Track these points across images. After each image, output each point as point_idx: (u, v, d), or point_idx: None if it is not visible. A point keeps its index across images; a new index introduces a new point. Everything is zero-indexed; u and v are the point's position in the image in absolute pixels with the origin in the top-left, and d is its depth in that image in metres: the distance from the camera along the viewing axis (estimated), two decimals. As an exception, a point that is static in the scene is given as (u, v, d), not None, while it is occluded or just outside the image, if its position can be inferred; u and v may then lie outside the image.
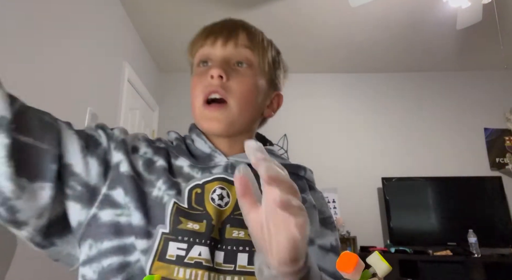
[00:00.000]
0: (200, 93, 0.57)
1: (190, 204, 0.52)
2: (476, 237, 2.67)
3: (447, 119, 3.44)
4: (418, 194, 3.08)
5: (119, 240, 0.49)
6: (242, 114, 0.57)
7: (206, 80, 0.56)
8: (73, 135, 0.51)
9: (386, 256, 2.25)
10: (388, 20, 2.74)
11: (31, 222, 0.46)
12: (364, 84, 3.58)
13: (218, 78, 0.55)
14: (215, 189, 0.54)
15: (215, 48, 0.58)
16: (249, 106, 0.58)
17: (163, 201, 0.52)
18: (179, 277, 0.46)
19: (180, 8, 2.60)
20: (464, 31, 2.63)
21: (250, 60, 0.58)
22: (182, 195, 0.53)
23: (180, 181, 0.55)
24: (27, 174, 0.45)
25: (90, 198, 0.50)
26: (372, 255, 0.38)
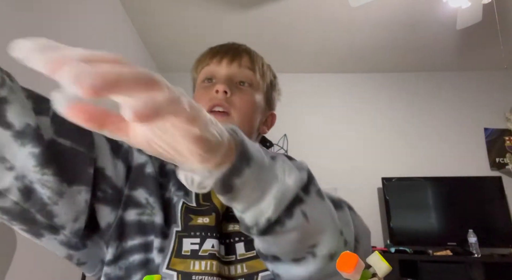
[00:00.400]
0: (204, 105, 0.60)
1: (198, 202, 0.56)
2: (476, 237, 2.67)
3: (447, 119, 3.44)
4: (418, 194, 3.08)
5: (142, 238, 0.52)
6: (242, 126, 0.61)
7: (211, 94, 0.60)
8: (102, 137, 0.53)
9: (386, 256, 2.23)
10: (388, 20, 2.74)
11: (68, 226, 0.47)
12: (364, 84, 3.58)
13: (223, 93, 0.60)
14: None
15: (221, 67, 0.63)
16: (248, 120, 0.63)
17: (173, 202, 0.56)
18: (195, 270, 0.49)
19: (180, 8, 2.60)
20: (464, 31, 2.63)
21: (252, 80, 0.64)
22: (189, 195, 0.57)
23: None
24: (66, 179, 0.45)
25: (117, 200, 0.53)
26: (372, 255, 0.38)
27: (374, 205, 3.21)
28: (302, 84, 3.59)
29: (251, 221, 0.37)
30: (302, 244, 0.40)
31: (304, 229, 0.39)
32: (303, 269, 0.42)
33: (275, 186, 0.36)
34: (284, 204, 0.36)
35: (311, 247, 0.40)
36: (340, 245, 0.43)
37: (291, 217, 0.37)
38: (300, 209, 0.38)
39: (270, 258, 0.44)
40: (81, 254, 0.52)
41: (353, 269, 0.35)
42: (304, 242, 0.40)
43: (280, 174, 0.38)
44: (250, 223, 0.37)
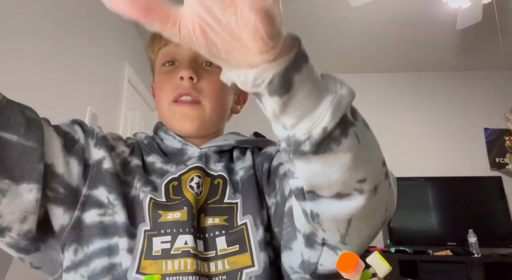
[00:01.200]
0: (168, 94, 0.55)
1: (168, 197, 0.51)
2: (476, 237, 2.67)
3: (447, 119, 3.44)
4: (418, 194, 3.08)
5: (104, 241, 0.47)
6: (214, 114, 0.57)
7: (175, 81, 0.54)
8: (53, 133, 0.48)
9: (386, 256, 2.24)
10: (387, 20, 2.74)
11: (14, 227, 0.42)
12: (363, 84, 3.58)
13: (188, 80, 0.54)
14: (192, 177, 0.53)
15: (181, 47, 0.54)
16: (220, 105, 0.58)
17: (140, 198, 0.50)
18: (168, 270, 0.44)
19: (180, 8, 2.60)
20: (464, 31, 2.63)
21: None
22: (158, 191, 0.52)
23: (154, 178, 0.54)
24: (11, 176, 0.41)
25: (72, 201, 0.48)
26: (372, 255, 0.38)
27: (374, 205, 3.21)
28: (302, 84, 3.59)
29: (303, 132, 0.31)
30: (352, 175, 0.35)
31: (357, 152, 0.35)
32: (348, 204, 0.37)
33: (330, 93, 0.33)
34: (340, 112, 0.33)
35: (360, 182, 0.36)
36: (381, 177, 0.39)
37: (346, 135, 0.33)
38: (353, 130, 0.35)
39: (310, 195, 0.37)
40: (34, 257, 0.48)
41: (353, 269, 0.35)
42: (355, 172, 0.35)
43: (332, 85, 0.35)
44: (302, 136, 0.31)
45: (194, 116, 0.55)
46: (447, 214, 2.99)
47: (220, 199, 0.53)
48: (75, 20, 1.87)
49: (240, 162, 0.57)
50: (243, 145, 0.60)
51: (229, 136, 0.60)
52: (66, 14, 1.79)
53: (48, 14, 1.62)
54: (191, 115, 0.55)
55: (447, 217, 2.98)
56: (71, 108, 1.81)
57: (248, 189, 0.53)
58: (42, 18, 1.58)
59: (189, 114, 0.55)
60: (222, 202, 0.52)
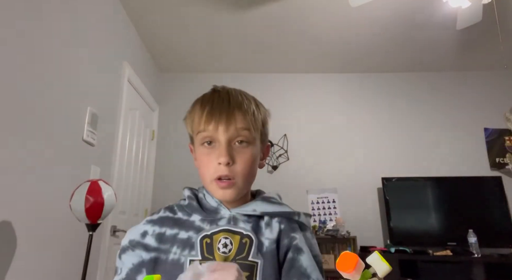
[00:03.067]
0: (211, 174, 0.67)
1: (203, 254, 0.63)
2: (476, 237, 2.67)
3: (447, 119, 3.44)
4: (418, 194, 3.08)
5: None
6: (245, 185, 0.69)
7: (215, 163, 0.66)
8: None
9: (386, 256, 2.24)
10: (388, 20, 2.74)
11: None
12: (364, 84, 3.58)
13: (226, 165, 0.65)
14: (220, 239, 0.65)
15: (218, 133, 0.66)
16: (250, 177, 0.69)
17: (181, 262, 0.63)
18: None
19: (180, 8, 2.60)
20: (464, 31, 2.64)
21: (248, 138, 0.68)
22: (195, 248, 0.64)
23: (191, 233, 0.66)
24: None
25: None
26: (372, 255, 0.38)
27: (374, 205, 3.21)
28: (302, 85, 3.59)
29: None
30: None
31: None
32: None
33: None
34: None
35: None
36: None
37: None
38: None
39: None
40: None
41: (353, 269, 0.35)
42: None
43: None
44: None
45: (230, 192, 0.67)
46: (447, 214, 2.99)
47: (246, 257, 0.63)
48: (75, 20, 1.87)
49: (268, 230, 0.68)
50: (269, 215, 0.70)
51: (258, 206, 0.70)
52: (65, 14, 1.79)
53: (48, 13, 1.62)
54: (228, 192, 0.67)
55: (447, 217, 2.98)
56: (71, 108, 1.81)
57: (269, 261, 0.63)
58: (39, 15, 1.58)
59: (227, 191, 0.67)
60: (247, 259, 0.63)
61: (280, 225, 0.69)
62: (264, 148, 0.76)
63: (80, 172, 1.89)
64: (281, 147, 3.38)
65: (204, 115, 0.67)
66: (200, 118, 0.68)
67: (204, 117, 0.67)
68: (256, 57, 3.33)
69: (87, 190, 1.40)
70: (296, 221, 0.71)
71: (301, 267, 0.64)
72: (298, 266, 0.64)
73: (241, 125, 0.67)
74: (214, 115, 0.66)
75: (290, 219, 0.71)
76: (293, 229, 0.69)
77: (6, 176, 1.33)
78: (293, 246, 0.66)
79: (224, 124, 0.66)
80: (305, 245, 0.67)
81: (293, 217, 0.71)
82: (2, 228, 1.31)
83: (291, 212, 0.71)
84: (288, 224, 0.69)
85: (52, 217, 1.61)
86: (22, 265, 1.41)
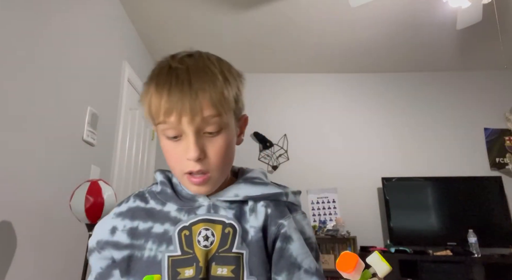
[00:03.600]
0: (179, 167, 0.57)
1: (182, 249, 0.57)
2: (476, 237, 2.67)
3: (447, 119, 3.44)
4: (418, 194, 3.08)
5: None
6: (222, 175, 0.60)
7: (183, 159, 0.56)
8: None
9: (386, 256, 2.24)
10: (388, 20, 2.74)
11: None
12: (364, 84, 3.58)
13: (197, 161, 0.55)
14: (200, 231, 0.58)
15: (182, 125, 0.54)
16: (226, 164, 0.60)
17: (158, 259, 0.57)
18: None
19: (180, 8, 2.60)
20: (464, 31, 2.63)
21: (220, 125, 0.56)
22: (173, 242, 0.57)
23: (168, 226, 0.59)
24: None
25: None
26: (372, 255, 0.38)
27: (374, 205, 3.21)
28: (302, 85, 3.59)
29: None
30: None
31: None
32: None
33: None
34: None
35: None
36: None
37: None
38: None
39: None
40: None
41: (353, 269, 0.35)
42: None
43: None
44: None
45: (205, 187, 0.59)
46: (447, 214, 2.99)
47: (229, 248, 0.57)
48: (75, 20, 1.87)
49: (253, 217, 0.61)
50: (253, 199, 0.62)
51: (241, 190, 0.62)
52: (65, 14, 1.79)
53: (48, 13, 1.62)
54: (203, 188, 0.59)
55: (447, 217, 2.98)
56: (71, 108, 1.81)
57: (255, 251, 0.58)
58: (39, 15, 1.58)
59: (201, 187, 0.58)
60: (230, 251, 0.57)
61: (266, 210, 0.61)
62: (241, 121, 0.64)
63: (80, 172, 1.89)
64: (281, 147, 3.38)
65: (161, 105, 0.54)
66: (158, 108, 0.54)
67: (162, 108, 0.54)
68: (256, 57, 3.32)
69: (87, 190, 1.39)
70: (284, 202, 0.64)
71: (290, 256, 0.58)
72: (288, 256, 0.58)
73: (209, 113, 0.54)
74: (175, 105, 0.53)
75: (278, 201, 0.63)
76: (281, 213, 0.61)
77: (6, 176, 1.33)
78: (281, 234, 0.59)
79: (189, 114, 0.53)
80: (295, 231, 0.60)
81: (280, 198, 0.63)
82: (2, 228, 1.31)
83: (277, 193, 0.63)
84: (275, 207, 0.62)
85: (52, 217, 1.61)
86: (22, 265, 1.41)
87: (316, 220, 3.14)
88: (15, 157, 1.38)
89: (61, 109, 1.71)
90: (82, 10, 1.95)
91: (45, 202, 1.57)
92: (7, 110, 1.34)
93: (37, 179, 1.52)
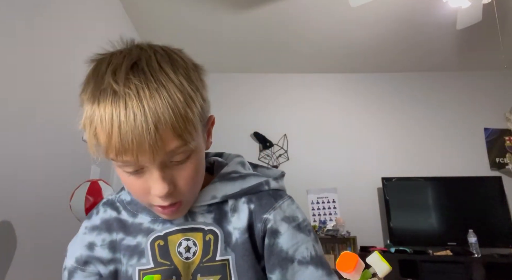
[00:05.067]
0: (144, 199, 0.50)
1: (156, 260, 0.52)
2: (476, 237, 2.67)
3: (447, 119, 3.44)
4: (418, 194, 3.08)
5: None
6: (195, 194, 0.54)
7: (148, 192, 0.48)
8: None
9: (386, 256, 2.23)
10: (388, 20, 2.74)
11: None
12: (364, 85, 3.58)
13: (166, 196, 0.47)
14: (180, 241, 0.53)
15: (142, 162, 0.44)
16: (198, 183, 0.53)
17: (129, 274, 0.52)
18: None
19: (180, 8, 2.60)
20: (464, 31, 2.63)
21: (188, 152, 0.47)
22: (145, 255, 0.52)
23: (140, 238, 0.54)
24: None
25: None
26: (372, 255, 0.38)
27: (374, 205, 3.21)
28: (302, 85, 3.59)
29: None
30: None
31: None
32: None
33: None
34: None
35: None
36: None
37: None
38: None
39: None
40: None
41: (353, 269, 0.35)
42: None
43: None
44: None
45: (179, 213, 0.53)
46: (447, 214, 2.99)
47: (213, 257, 0.52)
48: (75, 20, 1.87)
49: (235, 217, 0.55)
50: (233, 198, 0.56)
51: (218, 190, 0.56)
52: (65, 14, 1.79)
53: (48, 13, 1.62)
54: (177, 215, 0.53)
55: (447, 217, 2.98)
56: (71, 108, 1.81)
57: (242, 254, 0.53)
58: (39, 15, 1.58)
59: (175, 215, 0.52)
60: (214, 260, 0.52)
61: (249, 206, 0.56)
62: (208, 125, 0.54)
63: (80, 172, 1.89)
64: (281, 147, 3.38)
65: (112, 144, 0.42)
66: (107, 146, 0.43)
67: (113, 148, 0.43)
68: (256, 57, 3.32)
69: (87, 190, 1.40)
70: (267, 191, 0.57)
71: (281, 251, 0.53)
72: (278, 251, 0.54)
73: (174, 146, 0.44)
74: (129, 146, 0.42)
75: (260, 192, 0.57)
76: (265, 206, 0.55)
77: (6, 175, 1.33)
78: (268, 230, 0.54)
79: (148, 154, 0.43)
80: (283, 222, 0.55)
81: (261, 189, 0.57)
82: (2, 228, 1.31)
83: (257, 184, 0.57)
84: (258, 201, 0.56)
85: (52, 217, 1.61)
86: (22, 265, 1.41)
87: (316, 220, 3.14)
88: (15, 156, 1.38)
89: (61, 110, 1.71)
90: (82, 10, 1.95)
91: (45, 202, 1.57)
92: (7, 110, 1.34)
93: (37, 178, 1.52)
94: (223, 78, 3.45)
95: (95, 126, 0.44)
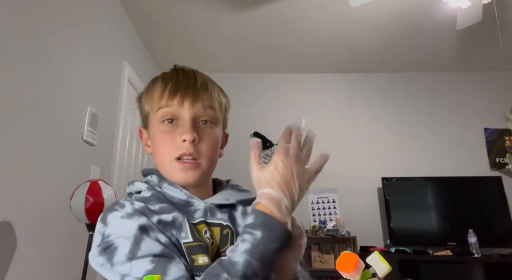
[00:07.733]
0: (172, 152, 0.60)
1: (194, 235, 0.56)
2: (476, 237, 2.67)
3: (447, 119, 3.44)
4: (418, 194, 3.08)
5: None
6: (209, 168, 0.64)
7: (177, 141, 0.60)
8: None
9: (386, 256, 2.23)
10: (388, 20, 2.74)
11: None
12: (364, 85, 3.58)
13: (191, 143, 0.59)
14: (205, 230, 0.59)
15: (183, 109, 0.61)
16: (213, 160, 0.65)
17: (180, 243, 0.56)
18: None
19: (180, 8, 2.60)
20: (464, 31, 2.63)
21: (213, 118, 0.63)
22: (183, 229, 0.56)
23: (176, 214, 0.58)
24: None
25: None
26: (372, 255, 0.38)
27: (374, 205, 3.21)
28: (302, 85, 3.59)
29: None
30: None
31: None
32: None
33: None
34: None
35: None
36: None
37: None
38: None
39: None
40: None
41: (353, 269, 0.35)
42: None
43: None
44: None
45: (193, 174, 0.61)
46: (447, 214, 2.99)
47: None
48: (75, 20, 1.87)
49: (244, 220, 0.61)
50: (242, 204, 0.66)
51: (230, 195, 0.66)
52: (65, 14, 1.79)
53: (48, 13, 1.62)
54: (191, 173, 0.61)
55: (447, 217, 2.98)
56: (71, 108, 1.81)
57: None
58: (39, 15, 1.58)
59: (189, 173, 0.61)
60: None
61: None
62: (224, 136, 0.72)
63: (80, 172, 1.89)
64: (281, 147, 3.37)
65: (167, 90, 0.61)
66: (162, 93, 0.62)
67: (167, 92, 0.61)
68: (256, 57, 3.32)
69: (87, 190, 1.39)
70: None
71: None
72: None
73: (207, 103, 0.62)
74: (180, 90, 0.61)
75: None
76: None
77: (6, 175, 1.33)
78: None
79: (191, 99, 0.61)
80: None
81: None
82: (2, 228, 1.31)
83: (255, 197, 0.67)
84: None
85: (52, 217, 1.61)
86: (22, 265, 1.41)
87: (316, 220, 3.14)
88: (15, 156, 1.38)
89: (61, 109, 1.71)
90: (82, 10, 1.95)
91: (45, 202, 1.57)
92: (7, 110, 1.34)
93: (37, 179, 1.52)
94: (223, 78, 3.44)
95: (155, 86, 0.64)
